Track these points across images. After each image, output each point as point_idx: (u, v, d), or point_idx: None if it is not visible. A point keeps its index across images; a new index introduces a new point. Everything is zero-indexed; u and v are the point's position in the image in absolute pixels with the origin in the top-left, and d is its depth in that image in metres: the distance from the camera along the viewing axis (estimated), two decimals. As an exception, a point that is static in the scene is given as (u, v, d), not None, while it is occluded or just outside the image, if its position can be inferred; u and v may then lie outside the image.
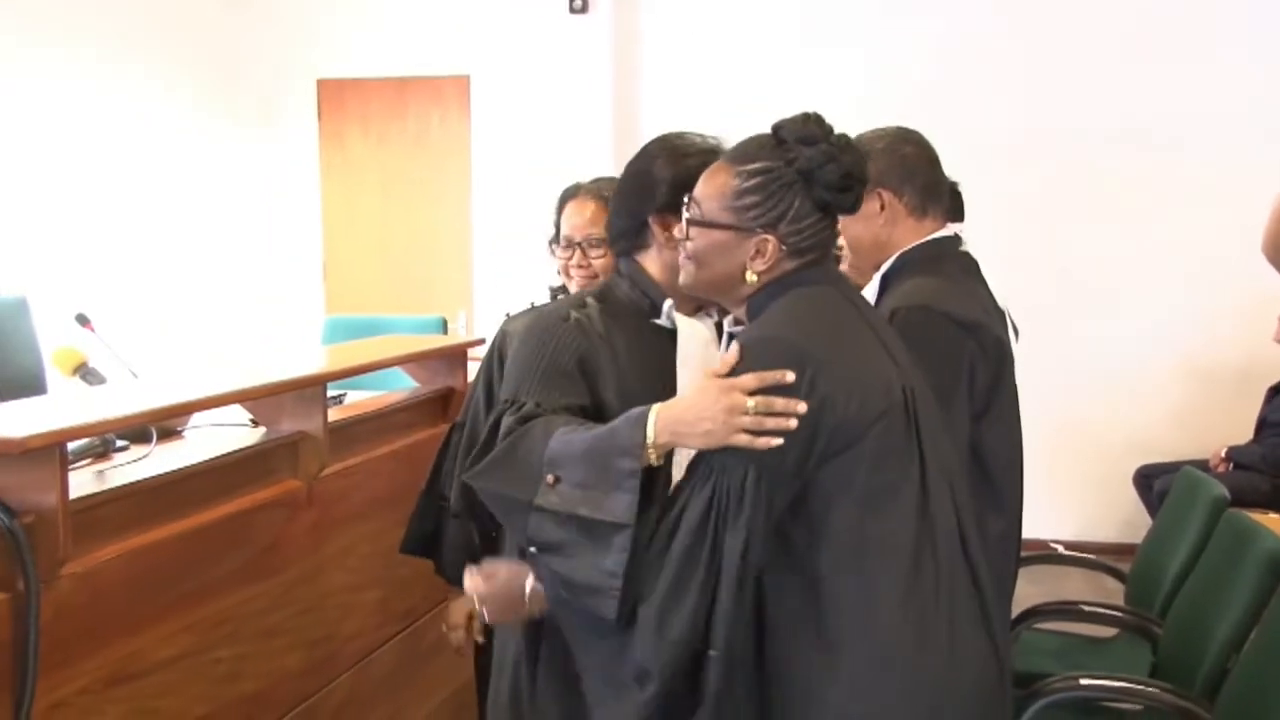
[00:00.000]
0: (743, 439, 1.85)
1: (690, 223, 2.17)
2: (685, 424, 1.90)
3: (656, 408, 1.94)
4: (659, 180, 2.23)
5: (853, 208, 2.17)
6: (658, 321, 2.25)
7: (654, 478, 2.02)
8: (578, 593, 1.95)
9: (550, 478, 1.97)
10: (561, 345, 2.16)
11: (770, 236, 2.08)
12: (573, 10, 7.79)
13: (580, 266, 3.01)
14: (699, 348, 2.25)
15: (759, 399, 1.85)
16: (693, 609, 1.85)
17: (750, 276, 2.13)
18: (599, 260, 2.96)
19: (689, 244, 2.16)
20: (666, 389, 2.10)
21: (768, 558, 1.93)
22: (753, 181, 2.09)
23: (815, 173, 2.09)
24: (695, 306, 2.35)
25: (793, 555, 1.95)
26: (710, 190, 2.12)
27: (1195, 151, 6.98)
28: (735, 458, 1.89)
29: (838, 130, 2.11)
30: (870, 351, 2.08)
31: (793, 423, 1.86)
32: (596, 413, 2.12)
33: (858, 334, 2.12)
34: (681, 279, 2.23)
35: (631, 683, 1.91)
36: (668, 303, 2.24)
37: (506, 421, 2.10)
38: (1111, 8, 7.11)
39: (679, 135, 2.34)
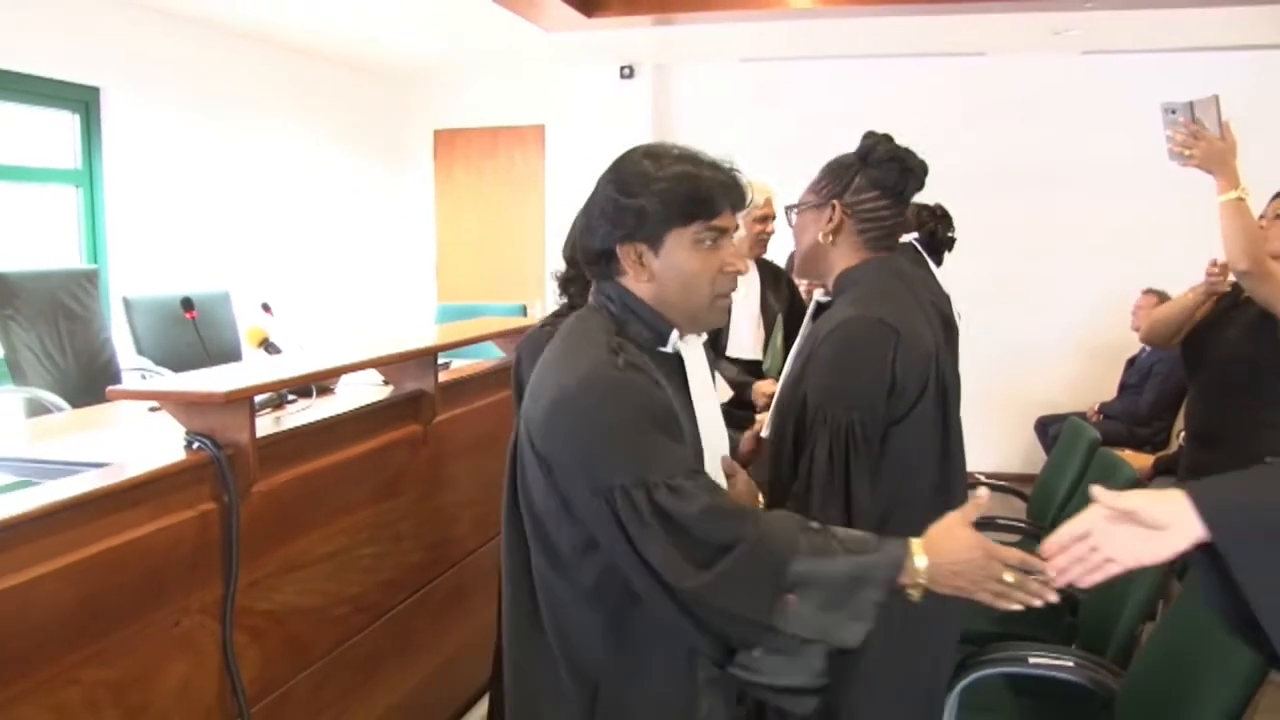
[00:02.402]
0: (986, 598, 1.51)
1: (789, 209, 2.19)
2: (946, 576, 1.50)
3: (917, 546, 1.51)
4: (628, 208, 1.63)
5: (899, 189, 2.07)
6: (664, 350, 1.68)
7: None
8: (778, 693, 1.51)
9: (792, 597, 1.46)
10: (649, 402, 1.55)
11: (835, 203, 2.06)
12: (622, 77, 7.80)
13: None
14: (704, 373, 1.74)
15: (1017, 578, 1.49)
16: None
17: (822, 238, 2.08)
18: None
19: (793, 228, 2.17)
20: (690, 421, 1.65)
21: None
22: (826, 168, 2.13)
23: (868, 155, 2.07)
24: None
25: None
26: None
27: (1084, 187, 7.01)
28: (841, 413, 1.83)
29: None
30: (923, 328, 1.98)
31: (1036, 601, 1.49)
32: None
33: (916, 311, 2.02)
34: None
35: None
36: (675, 331, 1.67)
37: (674, 507, 1.47)
38: (1027, 83, 7.09)
39: (651, 153, 1.74)
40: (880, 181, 2.06)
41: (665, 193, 1.64)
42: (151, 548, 1.98)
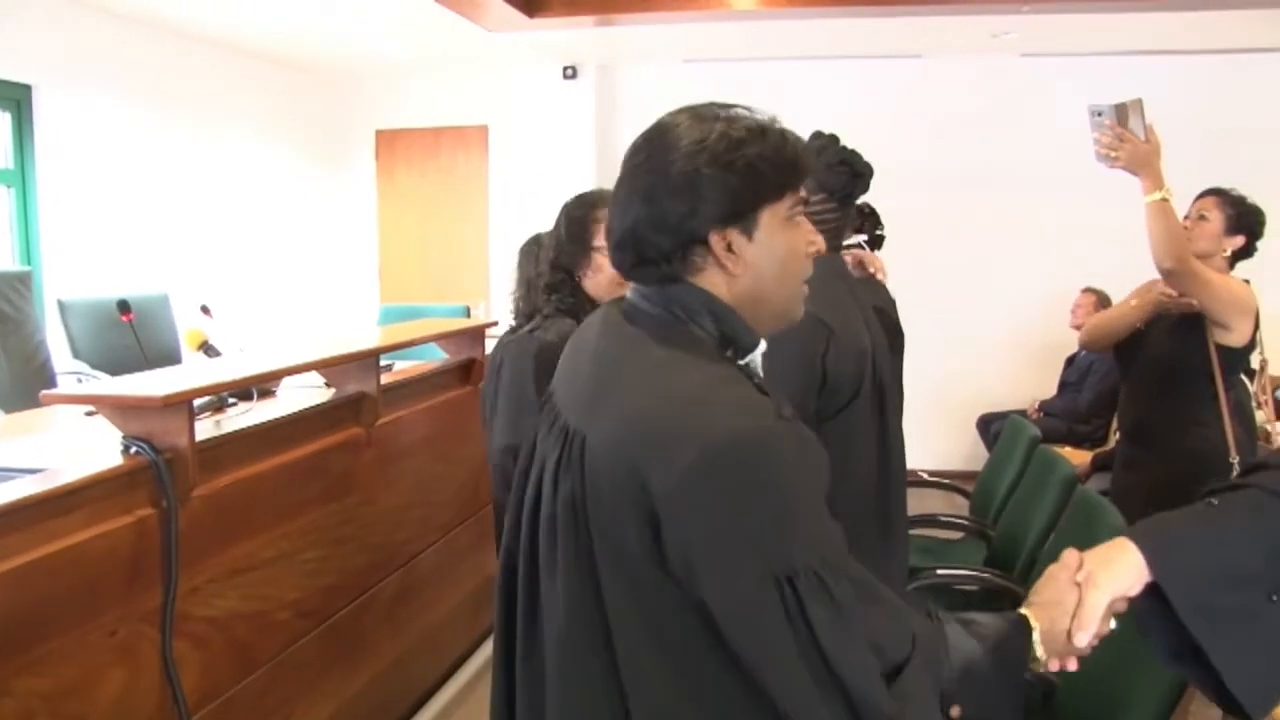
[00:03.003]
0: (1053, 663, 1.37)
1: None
2: (1051, 645, 1.36)
3: (1034, 622, 1.36)
4: (717, 183, 1.28)
5: (846, 192, 2.08)
6: (740, 364, 1.35)
7: None
8: None
9: (955, 710, 1.29)
10: (821, 461, 1.28)
11: None
12: (565, 77, 7.79)
13: None
14: None
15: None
16: None
17: None
18: None
19: None
20: None
21: None
22: None
23: (818, 157, 2.06)
24: None
25: None
26: None
27: (1023, 187, 7.13)
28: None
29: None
30: (859, 326, 1.98)
31: (1071, 666, 1.39)
32: None
33: (854, 310, 2.02)
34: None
35: None
36: (762, 342, 1.37)
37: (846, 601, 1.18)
38: (967, 84, 7.19)
39: (708, 115, 1.34)
40: (827, 184, 2.06)
41: (756, 160, 1.29)
42: (88, 555, 1.95)
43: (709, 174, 1.27)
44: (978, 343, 7.30)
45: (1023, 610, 1.38)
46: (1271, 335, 3.52)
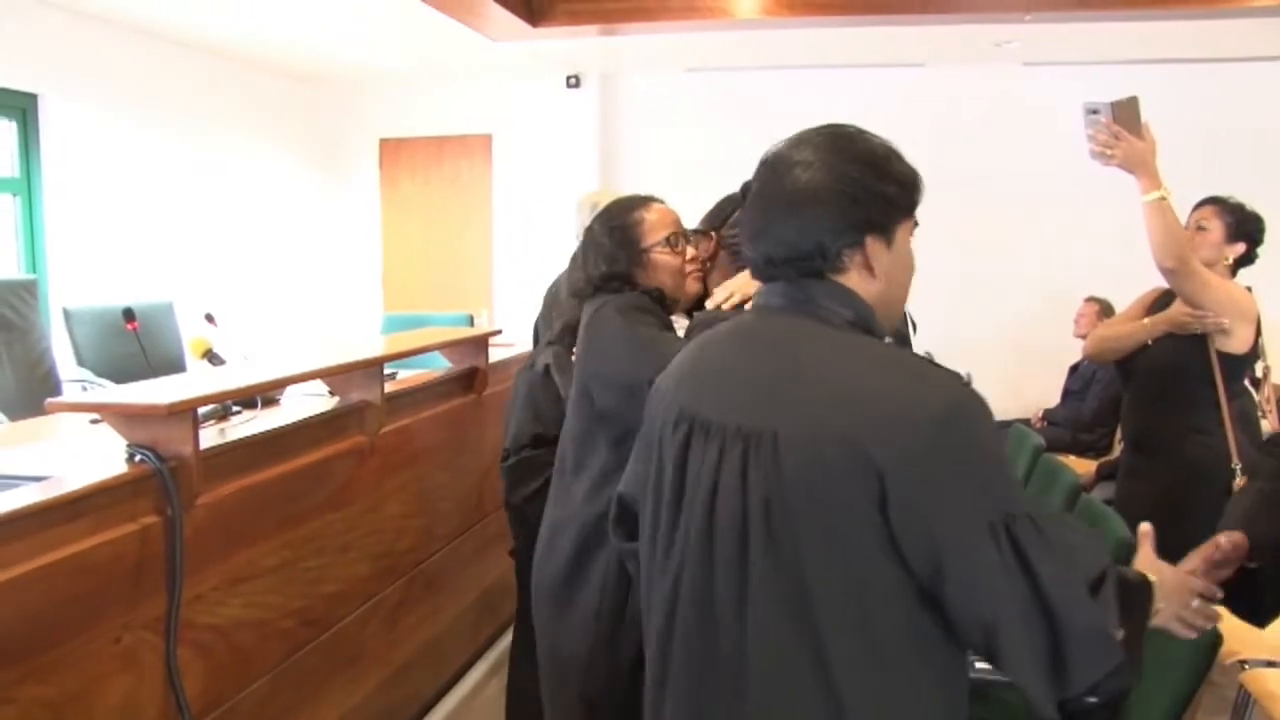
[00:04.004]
0: (1177, 627, 1.44)
1: (690, 232, 2.32)
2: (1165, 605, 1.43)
3: (1154, 580, 1.42)
4: (878, 195, 1.40)
5: None
6: None
7: None
8: None
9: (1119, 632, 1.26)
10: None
11: (713, 233, 2.28)
12: (569, 86, 7.82)
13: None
14: None
15: (1199, 605, 1.45)
16: None
17: (701, 265, 2.31)
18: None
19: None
20: None
21: None
22: (718, 201, 2.33)
23: (747, 192, 2.15)
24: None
25: None
26: None
27: (1026, 195, 7.14)
28: None
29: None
30: None
31: (1208, 626, 1.47)
32: None
33: None
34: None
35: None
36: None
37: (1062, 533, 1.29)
38: (970, 93, 7.19)
39: (861, 131, 1.46)
40: None
41: (900, 176, 1.43)
42: (92, 562, 1.95)
43: (873, 184, 1.39)
44: (980, 351, 7.27)
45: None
46: (1275, 345, 3.52)
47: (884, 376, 1.31)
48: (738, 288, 2.18)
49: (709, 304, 2.23)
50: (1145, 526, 1.53)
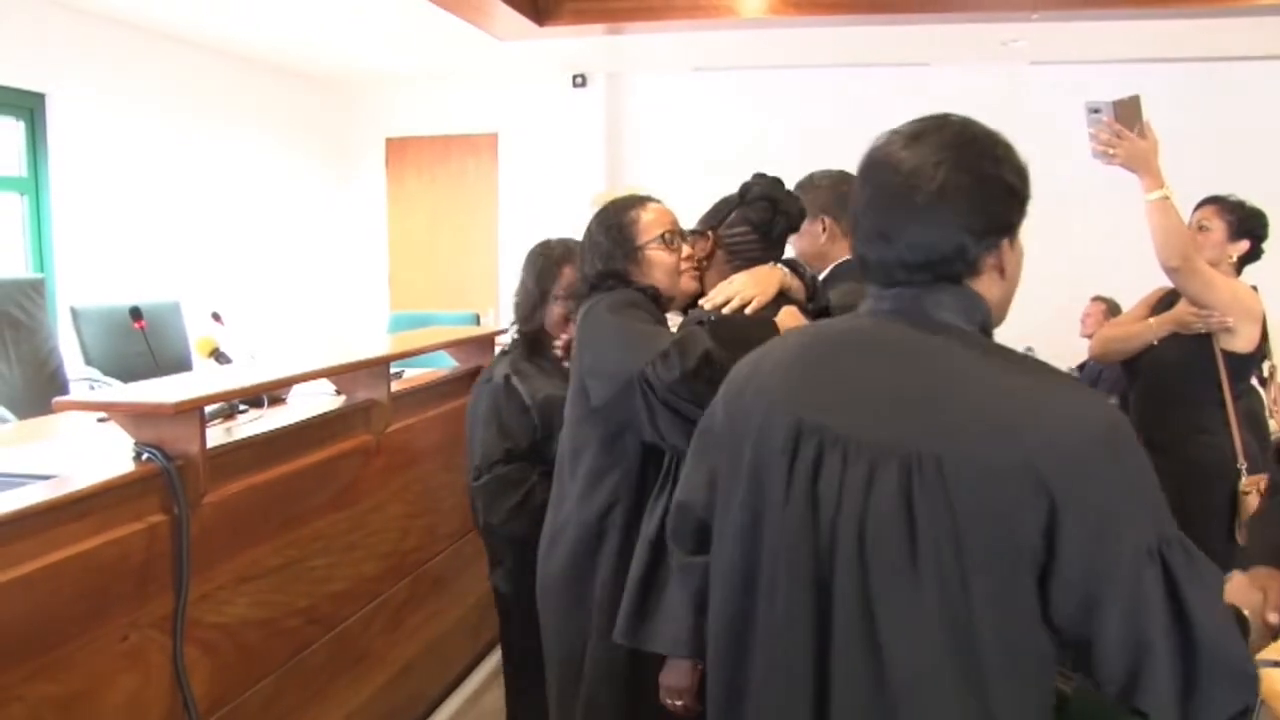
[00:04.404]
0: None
1: (688, 233, 2.33)
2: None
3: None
4: (1017, 195, 1.35)
5: (766, 227, 2.24)
6: None
7: None
8: None
9: None
10: None
11: (709, 233, 2.28)
12: (575, 85, 7.82)
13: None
14: None
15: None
16: None
17: (698, 263, 2.31)
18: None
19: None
20: None
21: None
22: (716, 202, 2.33)
23: (746, 193, 2.25)
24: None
25: None
26: None
27: (1033, 195, 7.08)
28: None
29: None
30: None
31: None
32: None
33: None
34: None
35: None
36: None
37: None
38: (975, 92, 7.18)
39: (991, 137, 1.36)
40: (749, 218, 2.24)
41: (1020, 168, 1.36)
42: (100, 561, 1.95)
43: (1007, 180, 1.33)
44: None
45: None
46: (1280, 343, 3.51)
47: (1042, 392, 1.25)
48: (738, 290, 2.18)
49: (705, 303, 2.23)
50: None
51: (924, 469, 1.22)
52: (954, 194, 1.30)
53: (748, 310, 2.16)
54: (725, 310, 2.17)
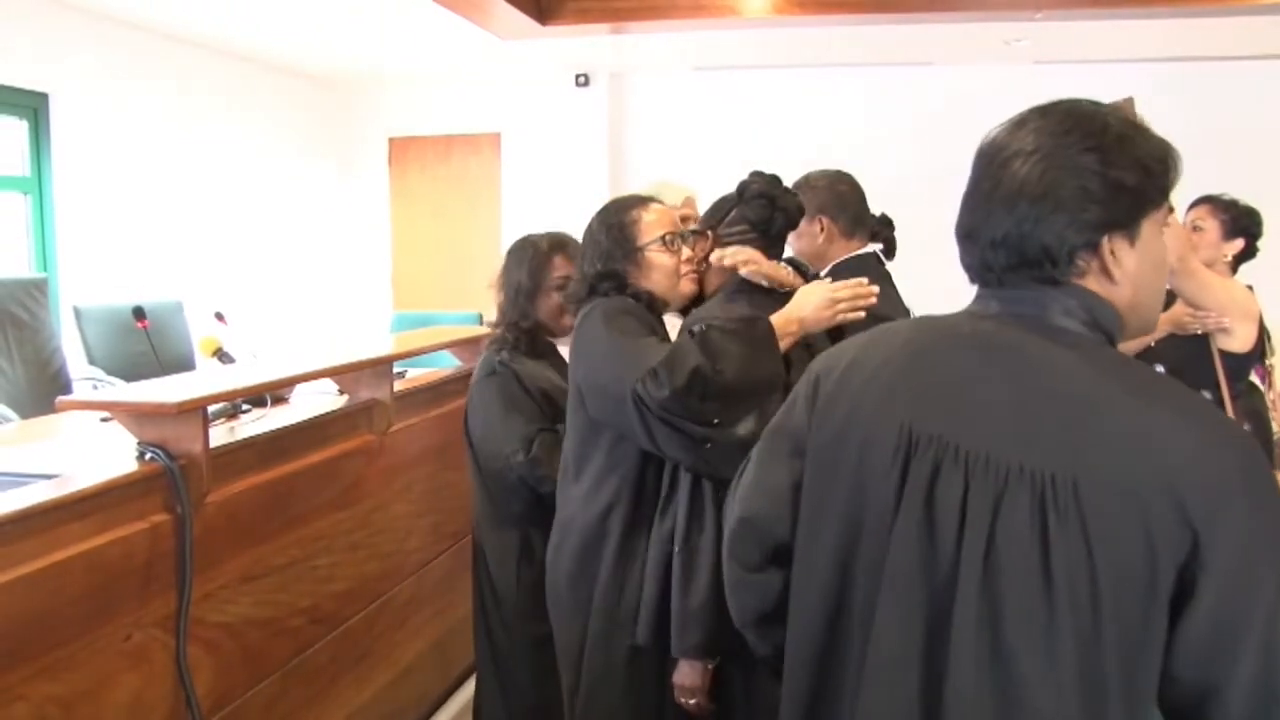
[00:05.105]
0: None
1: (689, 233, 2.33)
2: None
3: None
4: (1119, 185, 1.20)
5: (764, 225, 2.24)
6: None
7: None
8: None
9: None
10: None
11: (709, 232, 2.29)
12: (578, 85, 7.82)
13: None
14: None
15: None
16: None
17: (699, 263, 2.31)
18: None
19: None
20: None
21: None
22: (715, 201, 2.34)
23: (744, 192, 2.26)
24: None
25: None
26: None
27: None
28: None
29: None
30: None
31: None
32: None
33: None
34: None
35: None
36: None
37: None
38: (979, 92, 7.18)
39: (1100, 108, 1.29)
40: (748, 216, 2.25)
41: (1144, 160, 1.21)
42: (103, 560, 1.96)
43: (1109, 173, 1.19)
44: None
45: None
46: (1280, 341, 3.50)
47: (1183, 416, 1.13)
48: (743, 257, 2.21)
49: (726, 258, 2.25)
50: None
51: (1059, 493, 1.11)
52: (1036, 189, 1.20)
53: (742, 272, 2.20)
54: (727, 263, 2.21)
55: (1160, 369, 3.24)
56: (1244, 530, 1.08)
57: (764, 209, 2.25)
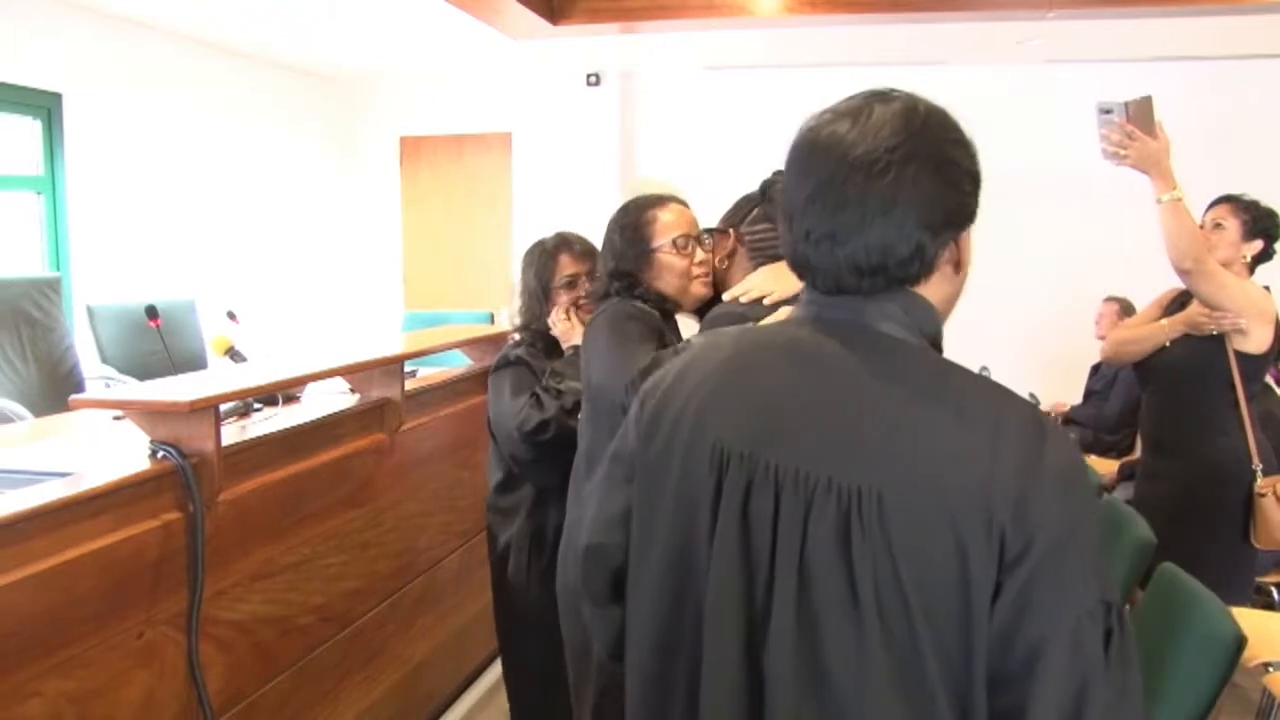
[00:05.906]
0: None
1: (705, 233, 2.33)
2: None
3: None
4: (976, 182, 1.18)
5: None
6: None
7: None
8: None
9: None
10: None
11: (731, 231, 2.25)
12: (589, 84, 7.82)
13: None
14: None
15: None
16: None
17: (718, 262, 2.27)
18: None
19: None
20: None
21: None
22: (737, 200, 2.30)
23: (768, 190, 2.19)
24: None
25: None
26: None
27: (1047, 195, 7.09)
28: None
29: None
30: None
31: None
32: None
33: None
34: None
35: None
36: None
37: None
38: (991, 92, 7.17)
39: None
40: (772, 214, 2.17)
41: (973, 147, 1.18)
42: (115, 558, 1.97)
43: (970, 166, 1.16)
44: (1000, 350, 7.23)
45: None
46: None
47: (999, 425, 1.08)
48: (759, 285, 2.18)
49: (726, 296, 2.22)
50: None
51: (865, 507, 1.07)
52: (912, 187, 1.13)
53: (765, 302, 2.14)
54: (743, 300, 2.14)
55: (1171, 372, 3.24)
56: (1053, 540, 1.04)
57: None
